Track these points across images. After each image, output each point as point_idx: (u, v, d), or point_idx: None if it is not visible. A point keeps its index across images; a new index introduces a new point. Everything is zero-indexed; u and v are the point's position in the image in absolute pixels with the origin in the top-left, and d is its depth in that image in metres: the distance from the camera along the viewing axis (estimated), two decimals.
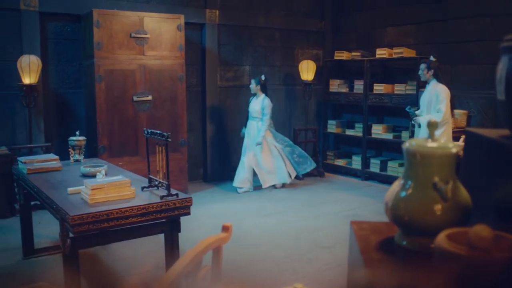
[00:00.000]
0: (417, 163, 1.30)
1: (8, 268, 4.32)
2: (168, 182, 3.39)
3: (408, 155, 1.32)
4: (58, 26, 6.46)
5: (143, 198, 3.36)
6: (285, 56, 8.42)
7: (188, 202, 3.40)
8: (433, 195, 1.26)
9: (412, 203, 1.27)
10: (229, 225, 1.63)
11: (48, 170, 4.20)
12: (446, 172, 1.28)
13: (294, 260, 4.42)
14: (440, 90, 5.84)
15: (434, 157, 1.28)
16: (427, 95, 5.98)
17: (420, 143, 1.32)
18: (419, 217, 1.25)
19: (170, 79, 6.63)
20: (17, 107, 6.15)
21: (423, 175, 1.29)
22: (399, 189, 1.32)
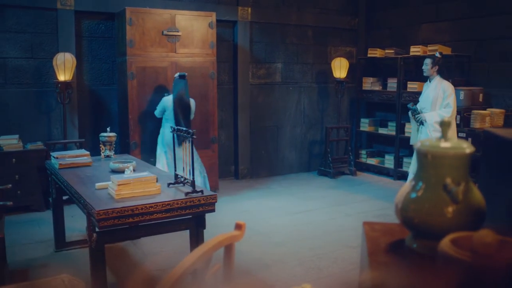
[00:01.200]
0: (429, 163, 1.27)
1: (41, 260, 4.44)
2: (193, 179, 3.41)
3: (420, 155, 1.29)
4: (93, 24, 6.58)
5: (168, 194, 3.39)
6: (318, 54, 8.37)
7: (213, 199, 3.40)
8: (444, 197, 1.22)
9: (422, 205, 1.24)
10: (242, 223, 1.63)
11: (78, 165, 4.29)
12: (459, 173, 1.25)
13: (320, 259, 4.40)
14: (446, 86, 5.74)
15: (446, 158, 1.25)
16: (432, 92, 5.82)
17: (432, 143, 1.29)
18: (429, 220, 1.22)
19: (202, 76, 6.67)
20: (52, 103, 6.31)
21: (434, 176, 1.25)
22: (410, 190, 1.29)
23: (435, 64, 5.81)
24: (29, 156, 5.81)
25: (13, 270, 4.17)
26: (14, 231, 5.12)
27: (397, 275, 1.07)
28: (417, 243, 1.26)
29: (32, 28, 6.18)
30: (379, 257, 1.17)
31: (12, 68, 6.11)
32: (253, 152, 7.95)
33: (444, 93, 5.71)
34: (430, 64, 5.82)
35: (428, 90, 5.92)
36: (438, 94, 5.75)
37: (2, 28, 6.02)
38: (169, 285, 1.19)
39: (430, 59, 5.86)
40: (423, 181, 1.27)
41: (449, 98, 5.68)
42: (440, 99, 5.74)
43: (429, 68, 5.84)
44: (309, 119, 8.44)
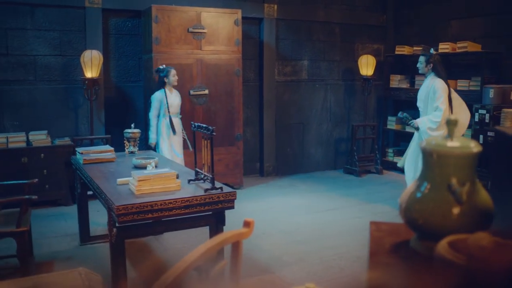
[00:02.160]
0: (434, 163, 1.24)
1: (66, 253, 4.53)
2: (213, 176, 3.43)
3: (425, 154, 1.27)
4: (120, 22, 6.67)
5: (188, 190, 3.41)
6: (345, 51, 8.30)
7: (232, 196, 3.41)
8: (449, 198, 1.20)
9: (427, 206, 1.21)
10: (250, 221, 1.63)
11: (102, 161, 4.36)
12: (464, 173, 1.22)
13: (342, 258, 4.37)
14: (437, 86, 5.43)
15: (452, 157, 1.22)
16: (424, 90, 5.60)
17: (438, 142, 1.26)
18: (433, 221, 1.20)
19: (227, 73, 6.69)
20: (80, 100, 6.42)
21: (439, 176, 1.23)
22: (414, 190, 1.27)
23: (429, 62, 5.56)
24: (57, 151, 5.92)
25: (39, 262, 4.26)
26: (41, 225, 5.24)
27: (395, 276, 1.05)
28: (421, 245, 1.24)
29: (61, 26, 6.30)
30: (381, 258, 1.16)
31: (41, 65, 6.25)
32: (278, 150, 7.94)
33: (434, 94, 5.43)
34: (423, 62, 5.60)
35: (421, 88, 5.72)
36: (428, 93, 5.52)
37: (32, 27, 6.16)
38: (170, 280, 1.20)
39: (423, 57, 5.63)
40: (428, 181, 1.24)
41: (438, 101, 5.39)
42: (431, 100, 5.49)
43: (423, 66, 5.62)
44: (335, 116, 8.38)
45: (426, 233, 1.22)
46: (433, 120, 5.43)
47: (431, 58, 5.55)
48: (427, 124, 5.46)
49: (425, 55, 5.64)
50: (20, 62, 6.15)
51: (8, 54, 6.10)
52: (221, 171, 6.69)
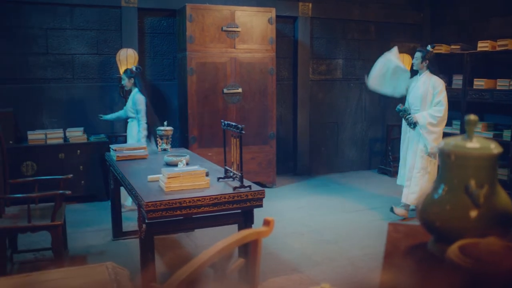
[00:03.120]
0: (452, 164, 1.22)
1: (99, 247, 4.63)
2: (241, 174, 3.44)
3: (443, 155, 1.24)
4: (155, 21, 6.76)
5: (217, 188, 3.44)
6: (380, 50, 8.13)
7: (260, 194, 3.41)
8: (466, 200, 1.17)
9: (444, 208, 1.19)
10: (270, 219, 1.63)
11: (135, 158, 4.43)
12: (483, 175, 1.19)
13: (371, 259, 4.32)
14: (436, 82, 5.37)
15: (471, 159, 1.20)
16: (421, 87, 5.42)
17: (457, 142, 1.24)
18: (450, 223, 1.18)
19: (260, 72, 6.70)
20: (115, 97, 6.54)
21: (457, 178, 1.20)
22: (431, 192, 1.25)
23: (425, 59, 5.44)
24: (93, 148, 6.05)
25: (72, 256, 4.38)
26: (76, 219, 5.37)
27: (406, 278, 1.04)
28: (437, 248, 1.22)
29: (98, 26, 6.44)
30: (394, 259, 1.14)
31: (79, 64, 6.40)
32: (312, 149, 7.90)
33: (434, 90, 5.34)
34: (420, 58, 5.46)
35: (416, 86, 5.53)
36: (427, 90, 5.37)
37: (71, 26, 6.32)
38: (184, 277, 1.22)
39: (420, 53, 5.49)
40: (445, 182, 1.22)
41: (439, 96, 5.30)
42: (430, 96, 5.36)
43: (418, 63, 5.48)
44: (370, 116, 8.29)
45: (443, 236, 1.20)
46: (435, 115, 5.27)
47: (428, 54, 5.45)
48: (428, 119, 5.29)
49: (421, 51, 5.52)
50: (59, 61, 6.32)
51: (48, 53, 6.27)
52: (254, 169, 6.71)
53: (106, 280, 2.05)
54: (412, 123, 5.46)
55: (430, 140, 5.32)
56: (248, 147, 6.51)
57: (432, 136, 5.32)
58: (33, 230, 3.70)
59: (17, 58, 6.14)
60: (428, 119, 5.29)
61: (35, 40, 6.20)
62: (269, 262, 4.26)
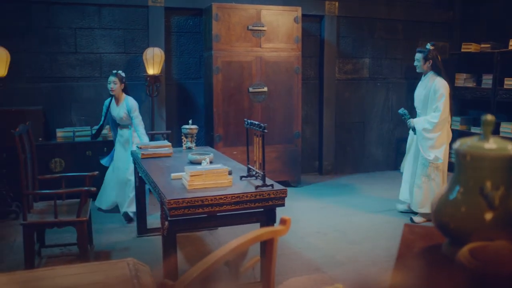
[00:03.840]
0: (467, 165, 1.20)
1: (123, 243, 4.70)
2: (264, 173, 3.45)
3: (458, 156, 1.23)
4: (181, 20, 6.82)
5: (239, 187, 3.45)
6: (408, 49, 8.09)
7: (283, 193, 3.41)
8: (482, 202, 1.16)
9: (458, 210, 1.17)
10: (287, 218, 1.63)
11: (160, 156, 4.48)
12: (500, 176, 1.17)
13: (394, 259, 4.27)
14: (438, 85, 5.10)
15: (487, 160, 1.18)
16: (423, 90, 5.24)
17: (473, 143, 1.22)
18: (465, 226, 1.16)
19: (286, 71, 6.69)
20: (142, 96, 6.61)
21: (473, 179, 1.19)
22: (446, 193, 1.23)
23: (427, 59, 5.18)
24: None
25: (98, 251, 4.45)
26: (103, 215, 5.46)
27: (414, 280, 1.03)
28: (451, 249, 1.20)
29: (125, 25, 6.52)
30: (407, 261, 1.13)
31: (106, 62, 6.49)
32: (337, 148, 7.86)
33: (435, 94, 5.10)
34: (422, 60, 5.21)
35: (419, 88, 5.38)
36: (429, 93, 5.17)
37: (99, 25, 6.42)
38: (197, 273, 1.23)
39: (420, 54, 5.23)
40: (460, 184, 1.20)
41: (439, 101, 5.06)
42: (432, 99, 5.14)
43: (421, 65, 5.24)
44: (397, 116, 8.17)
45: (457, 238, 1.18)
46: (430, 121, 5.10)
47: (429, 54, 5.18)
48: (423, 125, 5.16)
49: (422, 51, 5.26)
50: (87, 60, 6.42)
51: (77, 52, 6.38)
52: (279, 168, 6.72)
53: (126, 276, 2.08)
54: (411, 128, 5.34)
55: (426, 146, 5.15)
56: (273, 146, 6.52)
57: (428, 142, 5.14)
58: (59, 225, 3.78)
59: (47, 57, 6.26)
60: (424, 124, 5.14)
61: (64, 40, 6.32)
62: (292, 261, 4.26)
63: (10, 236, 4.86)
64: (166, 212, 3.18)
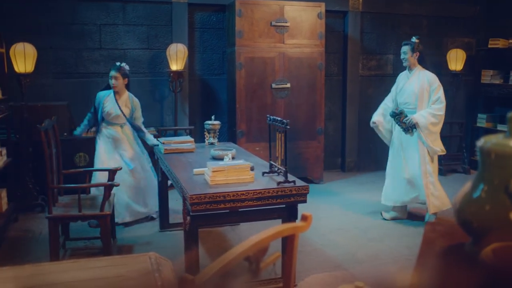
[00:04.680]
0: (492, 164, 1.18)
1: (146, 238, 4.74)
2: (286, 169, 3.44)
3: (483, 154, 1.21)
4: (204, 16, 6.84)
5: (261, 183, 3.45)
6: (432, 45, 7.98)
7: (305, 190, 3.40)
8: (507, 201, 1.13)
9: (482, 209, 1.15)
10: (308, 215, 1.63)
11: (182, 151, 4.50)
12: None
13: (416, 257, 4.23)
14: (432, 77, 4.94)
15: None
16: (417, 85, 4.96)
17: (498, 140, 1.20)
18: (489, 225, 1.14)
19: (309, 67, 6.67)
20: (165, 91, 6.67)
21: (498, 177, 1.16)
22: (469, 191, 1.21)
23: (415, 51, 4.95)
24: (142, 140, 6.16)
25: (120, 245, 4.50)
26: None
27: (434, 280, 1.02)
28: (474, 249, 1.18)
29: (149, 21, 6.58)
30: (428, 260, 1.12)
31: (130, 58, 6.55)
32: (360, 145, 7.81)
33: (431, 86, 4.90)
34: (409, 52, 4.97)
35: (408, 83, 5.08)
36: (423, 87, 4.92)
37: (123, 22, 6.48)
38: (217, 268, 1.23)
39: (408, 46, 4.99)
40: (484, 182, 1.18)
41: (438, 92, 4.89)
42: (427, 92, 4.91)
43: (408, 57, 4.99)
44: None
45: (480, 237, 1.16)
46: (436, 114, 4.86)
47: (416, 46, 4.97)
48: (429, 119, 4.85)
49: (409, 43, 5.02)
50: (112, 56, 6.49)
51: (101, 48, 6.45)
52: (301, 165, 6.70)
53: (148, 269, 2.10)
54: (411, 127, 4.98)
55: (430, 141, 4.91)
56: (296, 143, 6.51)
57: (433, 136, 4.93)
58: (83, 219, 3.83)
59: (72, 53, 6.35)
60: (430, 118, 4.86)
61: (89, 36, 6.39)
62: (312, 257, 4.26)
63: (36, 228, 4.95)
64: (188, 207, 3.20)
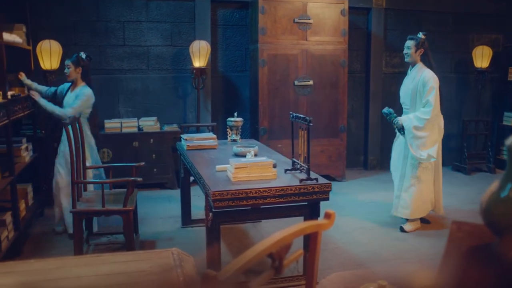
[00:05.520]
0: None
1: (168, 234, 4.77)
2: (308, 166, 3.43)
3: (510, 153, 1.18)
4: (227, 13, 6.85)
5: (283, 180, 3.44)
6: (457, 42, 7.87)
7: (327, 187, 3.39)
8: None
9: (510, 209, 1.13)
10: (331, 212, 1.61)
11: (205, 148, 4.52)
12: None
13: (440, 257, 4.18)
14: (427, 76, 4.61)
15: None
16: (411, 83, 4.73)
17: None
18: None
19: (332, 64, 6.63)
20: (188, 88, 6.70)
21: None
22: (496, 191, 1.18)
23: (419, 47, 4.70)
24: (165, 137, 6.22)
25: (143, 240, 4.54)
26: (148, 206, 5.55)
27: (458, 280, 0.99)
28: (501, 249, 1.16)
29: (172, 18, 6.61)
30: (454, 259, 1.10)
31: (153, 55, 6.60)
32: (383, 143, 7.73)
33: (424, 87, 4.60)
34: (413, 47, 4.71)
35: (407, 81, 4.89)
36: (417, 86, 4.66)
37: (146, 19, 6.53)
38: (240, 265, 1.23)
39: (412, 41, 4.73)
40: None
41: (429, 94, 4.56)
42: (420, 93, 4.65)
43: (411, 53, 4.74)
44: (445, 110, 7.84)
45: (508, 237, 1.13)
46: (421, 117, 4.58)
47: (422, 42, 4.71)
48: (413, 123, 4.61)
49: (414, 38, 4.76)
50: (135, 52, 6.54)
51: (125, 45, 6.50)
52: (324, 162, 6.67)
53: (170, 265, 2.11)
54: (399, 127, 4.77)
55: (416, 146, 4.63)
56: (318, 140, 6.48)
57: (418, 141, 4.62)
58: (106, 214, 3.87)
59: (96, 49, 6.41)
60: (414, 122, 4.61)
61: (113, 33, 6.45)
62: (335, 255, 4.23)
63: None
64: (210, 203, 3.20)
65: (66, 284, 1.93)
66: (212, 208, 3.21)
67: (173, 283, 1.94)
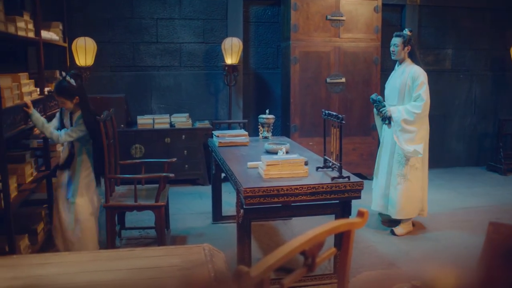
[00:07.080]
0: None
1: (199, 229, 4.81)
2: (340, 164, 3.40)
3: None
4: (259, 10, 6.85)
5: (315, 178, 3.43)
6: (494, 39, 7.69)
7: (359, 186, 3.35)
8: None
9: None
10: (364, 211, 1.60)
11: (236, 145, 4.53)
12: None
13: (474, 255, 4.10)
14: (417, 72, 4.54)
15: None
16: (399, 79, 4.65)
17: None
18: None
19: (365, 61, 6.56)
20: (220, 85, 6.73)
21: None
22: None
23: (406, 44, 4.61)
24: (197, 133, 6.26)
25: (174, 236, 4.58)
26: (179, 202, 5.61)
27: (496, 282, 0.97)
28: None
29: (205, 15, 6.65)
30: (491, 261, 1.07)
31: (186, 52, 6.65)
32: None
33: (414, 82, 4.53)
34: (401, 44, 4.62)
35: (393, 77, 4.81)
36: (405, 82, 4.58)
37: (179, 16, 6.58)
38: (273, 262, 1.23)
39: (400, 38, 4.64)
40: None
41: (420, 89, 4.50)
42: (408, 88, 4.57)
43: (398, 50, 4.65)
44: (481, 109, 7.84)
45: None
46: (412, 111, 4.49)
47: (409, 39, 4.62)
48: (403, 115, 4.51)
49: (401, 35, 4.66)
50: (168, 49, 6.60)
51: (158, 42, 6.57)
52: (355, 160, 6.62)
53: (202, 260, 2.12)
54: (386, 117, 4.67)
55: (403, 140, 4.53)
56: (350, 138, 6.43)
57: (406, 136, 4.54)
58: (138, 209, 3.92)
59: (129, 46, 6.50)
60: (404, 115, 4.52)
61: (146, 30, 6.52)
62: (365, 255, 4.20)
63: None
64: (241, 200, 3.21)
65: (100, 277, 1.96)
66: (243, 205, 3.21)
67: (204, 278, 1.95)
